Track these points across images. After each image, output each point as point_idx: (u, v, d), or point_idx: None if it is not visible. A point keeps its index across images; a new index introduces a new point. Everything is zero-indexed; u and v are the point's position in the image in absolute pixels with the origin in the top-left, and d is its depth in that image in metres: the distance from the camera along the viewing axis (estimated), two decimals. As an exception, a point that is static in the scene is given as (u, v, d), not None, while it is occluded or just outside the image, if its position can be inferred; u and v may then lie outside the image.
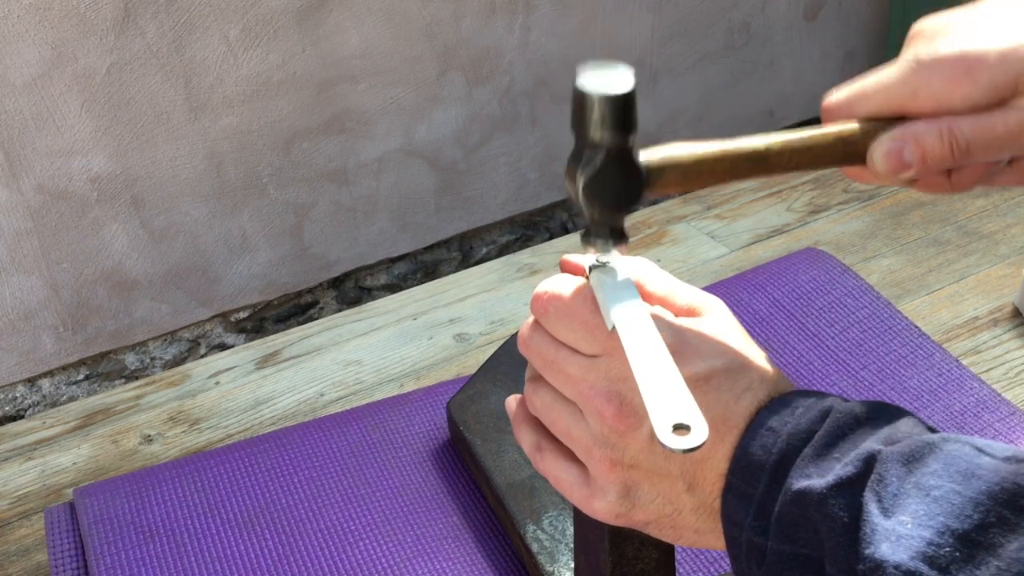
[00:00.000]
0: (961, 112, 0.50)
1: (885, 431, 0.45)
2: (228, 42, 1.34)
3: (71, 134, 1.30)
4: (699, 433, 0.41)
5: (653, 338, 0.46)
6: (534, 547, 0.68)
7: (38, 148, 1.29)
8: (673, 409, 0.42)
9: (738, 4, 1.74)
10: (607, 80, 0.46)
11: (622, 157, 0.47)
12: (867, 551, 0.41)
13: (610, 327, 0.47)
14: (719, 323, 0.50)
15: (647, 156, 0.49)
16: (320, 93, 1.44)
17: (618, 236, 0.50)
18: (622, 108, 0.46)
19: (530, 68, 1.58)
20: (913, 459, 0.43)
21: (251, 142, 1.42)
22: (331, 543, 0.73)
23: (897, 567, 0.40)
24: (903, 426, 0.46)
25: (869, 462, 0.43)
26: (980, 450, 0.43)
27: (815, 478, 0.44)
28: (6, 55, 1.23)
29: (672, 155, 0.49)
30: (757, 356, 0.49)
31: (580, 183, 0.48)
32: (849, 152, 0.52)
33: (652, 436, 0.47)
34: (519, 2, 1.53)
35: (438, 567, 0.71)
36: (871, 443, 0.44)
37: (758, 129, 2.11)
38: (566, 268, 0.53)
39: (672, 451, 0.41)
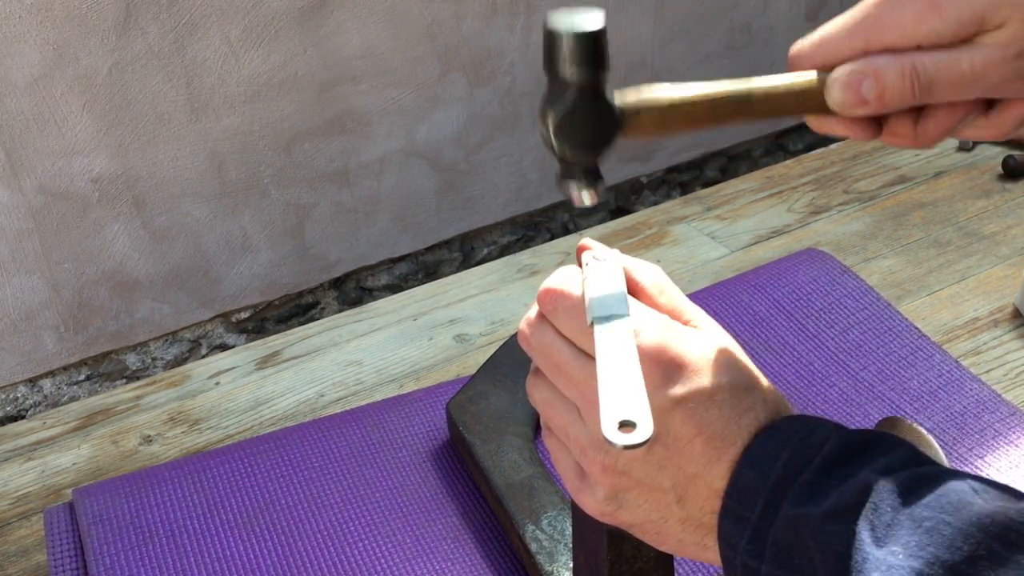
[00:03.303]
0: (926, 49, 0.48)
1: (883, 461, 0.45)
2: (229, 42, 1.34)
3: (72, 134, 1.30)
4: (643, 430, 0.41)
5: (626, 338, 0.46)
6: (533, 547, 0.68)
7: (39, 148, 1.29)
8: (623, 406, 0.42)
9: (739, 5, 1.74)
10: (577, 20, 0.47)
11: (593, 94, 0.47)
12: None
13: (588, 322, 0.47)
14: (724, 342, 0.50)
15: (622, 97, 0.48)
16: (321, 94, 1.44)
17: (592, 178, 0.50)
18: (591, 45, 0.46)
19: (531, 69, 1.58)
20: (908, 491, 0.43)
21: (252, 142, 1.42)
22: (330, 543, 0.73)
23: None
24: (901, 456, 0.46)
25: (864, 491, 0.43)
26: (975, 491, 0.43)
27: (811, 505, 0.44)
28: (8, 55, 1.23)
29: (648, 97, 0.49)
30: (759, 378, 0.49)
31: (551, 122, 0.48)
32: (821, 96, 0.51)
33: (649, 446, 0.47)
34: (520, 2, 1.53)
35: (437, 567, 0.71)
36: (868, 472, 0.44)
37: (759, 131, 2.12)
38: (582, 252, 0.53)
39: (614, 446, 0.41)
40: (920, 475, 0.44)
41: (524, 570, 0.71)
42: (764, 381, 0.50)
